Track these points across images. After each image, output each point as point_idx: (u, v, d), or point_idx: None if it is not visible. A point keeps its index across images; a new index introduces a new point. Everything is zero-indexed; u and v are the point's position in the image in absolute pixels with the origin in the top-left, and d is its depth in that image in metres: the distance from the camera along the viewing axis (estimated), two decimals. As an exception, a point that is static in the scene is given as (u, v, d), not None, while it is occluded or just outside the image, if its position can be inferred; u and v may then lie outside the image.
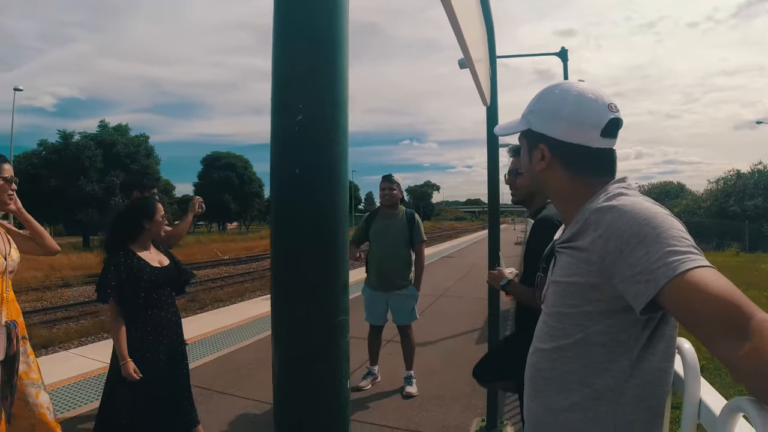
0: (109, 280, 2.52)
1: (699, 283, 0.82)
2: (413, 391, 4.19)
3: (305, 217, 0.59)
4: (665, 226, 0.91)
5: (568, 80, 1.23)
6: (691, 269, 0.84)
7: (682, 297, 0.84)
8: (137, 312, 2.60)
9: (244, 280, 15.67)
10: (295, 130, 0.58)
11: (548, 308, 1.16)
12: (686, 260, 0.85)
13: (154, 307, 2.65)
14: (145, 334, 2.58)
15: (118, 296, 2.53)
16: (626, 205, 0.98)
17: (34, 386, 2.29)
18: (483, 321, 6.40)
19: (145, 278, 2.61)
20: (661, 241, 0.89)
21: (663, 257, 0.86)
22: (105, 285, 2.52)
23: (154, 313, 2.65)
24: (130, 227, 2.70)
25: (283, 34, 0.60)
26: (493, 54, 3.22)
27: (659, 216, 0.94)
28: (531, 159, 1.21)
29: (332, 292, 0.61)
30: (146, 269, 2.64)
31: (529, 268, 2.20)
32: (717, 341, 0.79)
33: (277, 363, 0.62)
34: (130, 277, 2.57)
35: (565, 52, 12.23)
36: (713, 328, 0.80)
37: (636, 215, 0.94)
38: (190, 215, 3.70)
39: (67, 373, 4.55)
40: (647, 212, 0.94)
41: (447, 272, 12.83)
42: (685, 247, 0.88)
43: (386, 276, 4.27)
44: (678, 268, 0.84)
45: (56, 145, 33.59)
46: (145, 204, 2.81)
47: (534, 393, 1.18)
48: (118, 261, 2.58)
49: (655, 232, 0.90)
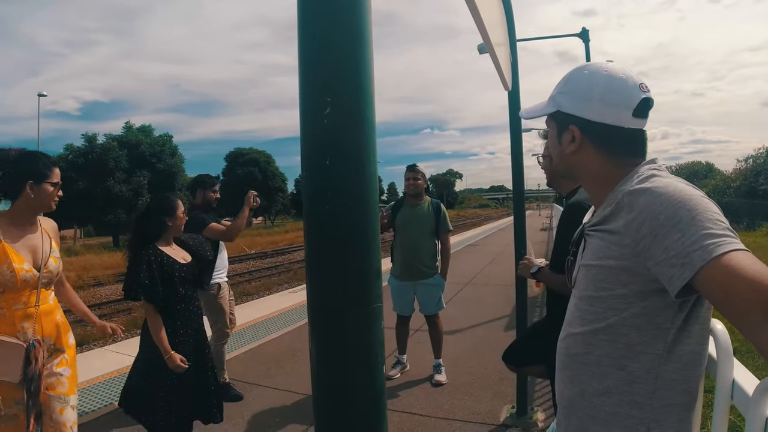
0: (142, 278, 2.54)
1: (735, 267, 0.81)
2: (442, 379, 4.21)
3: (336, 208, 0.61)
4: (700, 209, 0.89)
5: (595, 61, 1.21)
6: (727, 252, 0.83)
7: (718, 280, 0.82)
8: (170, 307, 2.64)
9: (270, 273, 15.87)
10: (324, 123, 0.60)
11: (579, 292, 1.15)
12: (722, 243, 0.84)
13: (182, 301, 2.71)
14: (176, 328, 2.65)
15: (150, 293, 2.55)
16: (660, 187, 0.96)
17: (60, 401, 2.22)
18: (511, 308, 6.36)
19: (176, 275, 2.66)
20: (697, 223, 0.87)
21: (699, 240, 0.85)
22: (136, 282, 2.55)
23: (182, 308, 2.71)
24: (154, 225, 2.73)
25: (308, 31, 0.62)
26: (513, 37, 3.17)
27: (694, 198, 0.92)
28: (561, 141, 1.20)
29: (365, 280, 0.62)
30: (176, 266, 2.69)
31: (559, 253, 2.18)
32: (753, 325, 0.79)
33: (314, 350, 0.64)
34: (163, 274, 2.60)
35: (586, 33, 11.92)
36: (749, 312, 0.79)
37: (671, 197, 0.93)
38: (246, 209, 3.90)
39: (105, 369, 4.69)
40: (682, 194, 0.93)
41: (473, 260, 12.77)
42: (721, 230, 0.86)
43: (412, 266, 4.28)
44: (714, 251, 0.83)
45: (82, 148, 34.26)
46: (166, 201, 2.84)
47: (567, 377, 1.17)
48: (150, 259, 2.61)
49: (690, 214, 0.89)
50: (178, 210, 2.80)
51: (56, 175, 2.28)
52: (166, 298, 2.61)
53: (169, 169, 36.43)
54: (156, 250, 2.67)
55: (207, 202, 4.20)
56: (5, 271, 2.07)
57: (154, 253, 2.64)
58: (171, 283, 2.63)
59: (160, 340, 2.56)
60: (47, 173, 2.23)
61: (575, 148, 1.16)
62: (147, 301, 2.57)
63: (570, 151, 1.17)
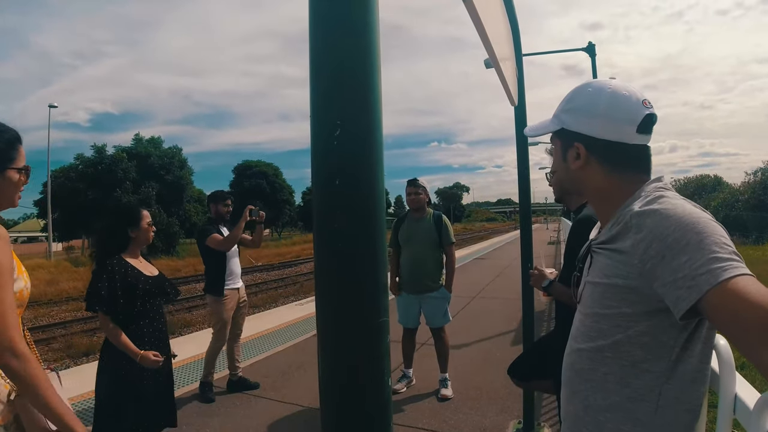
0: (99, 289, 2.42)
1: (741, 291, 0.82)
2: (448, 394, 4.19)
3: (345, 226, 0.63)
4: (708, 232, 0.91)
5: (598, 79, 1.23)
6: (734, 277, 0.84)
7: (724, 304, 0.84)
8: (130, 322, 2.50)
9: (277, 286, 15.90)
10: (334, 144, 0.63)
11: (585, 308, 1.17)
12: (729, 267, 0.85)
13: (146, 317, 2.57)
14: (142, 344, 2.49)
15: (109, 306, 2.43)
16: (669, 209, 0.98)
17: None
18: (517, 322, 6.34)
19: (140, 287, 2.52)
20: (704, 247, 0.89)
21: (706, 264, 0.87)
22: (95, 294, 2.42)
23: (146, 323, 2.56)
24: (116, 236, 2.60)
25: (319, 55, 0.65)
26: (519, 52, 3.20)
27: (702, 221, 0.93)
28: (566, 158, 1.21)
29: (373, 295, 0.64)
30: (140, 278, 2.55)
31: (569, 267, 2.19)
32: (757, 349, 0.80)
33: (322, 363, 0.66)
34: (125, 287, 2.47)
35: (592, 47, 11.97)
36: (754, 337, 0.80)
37: (679, 220, 0.94)
38: (241, 222, 4.30)
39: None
40: (690, 217, 0.94)
41: (480, 274, 12.74)
42: (728, 254, 0.88)
43: (418, 278, 4.29)
44: (721, 276, 0.85)
45: (92, 158, 34.58)
46: (128, 211, 2.69)
47: (572, 393, 1.18)
48: (113, 270, 2.48)
49: (698, 237, 0.90)
50: (143, 221, 2.66)
51: (23, 157, 1.59)
52: (125, 312, 2.48)
53: (178, 181, 36.68)
54: (121, 261, 2.54)
55: (219, 215, 4.61)
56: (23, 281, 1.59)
57: (118, 264, 2.52)
58: (133, 296, 2.49)
59: (125, 346, 2.42)
60: (12, 154, 1.54)
61: (580, 165, 1.17)
62: (104, 313, 2.44)
63: (575, 167, 1.18)
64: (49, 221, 29.56)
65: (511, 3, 2.83)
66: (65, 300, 12.88)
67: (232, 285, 4.42)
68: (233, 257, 4.52)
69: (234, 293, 4.44)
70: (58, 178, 31.94)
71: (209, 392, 4.25)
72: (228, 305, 4.35)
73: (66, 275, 18.31)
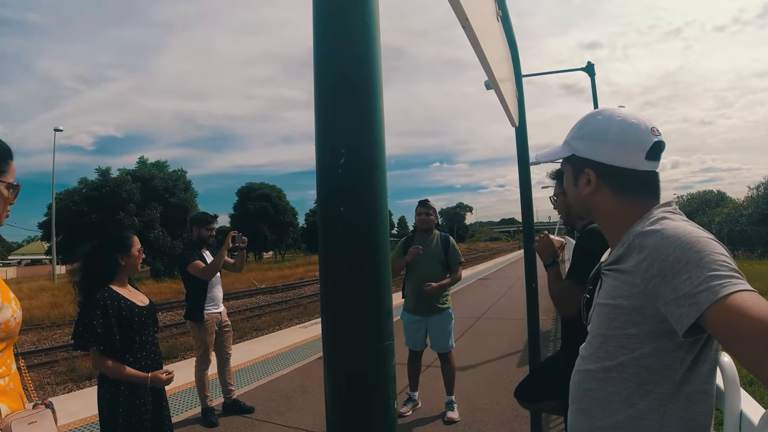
0: (95, 326, 2.25)
1: (741, 306, 0.84)
2: (455, 416, 4.15)
3: (350, 251, 0.64)
4: (708, 251, 0.93)
5: (607, 107, 1.26)
6: (733, 293, 0.86)
7: (725, 320, 0.85)
8: (127, 356, 2.35)
9: (281, 308, 15.82)
10: (339, 172, 0.65)
11: (593, 329, 1.19)
12: (728, 284, 0.87)
13: (142, 349, 2.42)
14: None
15: (105, 343, 2.27)
16: (669, 229, 1.00)
17: None
18: (523, 343, 6.30)
19: (136, 320, 2.38)
20: (704, 265, 0.91)
21: (705, 281, 0.89)
22: (89, 330, 2.25)
23: (142, 356, 2.42)
24: (104, 264, 2.40)
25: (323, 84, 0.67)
26: (519, 73, 3.23)
27: (702, 240, 0.96)
28: (577, 183, 1.25)
29: (377, 318, 0.65)
30: (134, 309, 2.39)
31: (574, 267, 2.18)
32: (759, 363, 0.81)
33: (328, 386, 0.67)
34: (120, 320, 2.32)
35: (591, 67, 12.08)
36: (755, 351, 0.81)
37: (679, 239, 0.97)
38: (223, 250, 4.20)
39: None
40: (690, 236, 0.97)
41: (485, 294, 12.67)
42: (728, 271, 0.90)
43: (424, 299, 4.29)
44: (720, 292, 0.86)
45: (95, 182, 34.80)
46: (119, 237, 2.50)
47: (578, 411, 1.20)
48: (105, 303, 2.30)
49: (698, 256, 0.92)
50: (133, 248, 2.49)
51: (13, 172, 1.51)
52: (122, 346, 2.33)
53: (182, 203, 36.85)
54: (111, 292, 2.36)
55: (201, 238, 4.52)
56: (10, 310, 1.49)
57: (110, 296, 2.34)
58: (130, 330, 2.36)
59: (132, 376, 2.31)
60: (2, 167, 1.48)
61: (591, 191, 1.21)
62: (101, 351, 2.28)
63: (586, 193, 1.22)
64: (53, 243, 29.72)
65: (510, 25, 2.86)
66: (69, 322, 12.83)
67: (213, 309, 4.38)
68: (216, 284, 4.47)
69: (214, 317, 4.39)
70: (62, 200, 32.14)
71: (212, 416, 4.23)
72: (210, 329, 4.31)
73: (70, 297, 18.00)
